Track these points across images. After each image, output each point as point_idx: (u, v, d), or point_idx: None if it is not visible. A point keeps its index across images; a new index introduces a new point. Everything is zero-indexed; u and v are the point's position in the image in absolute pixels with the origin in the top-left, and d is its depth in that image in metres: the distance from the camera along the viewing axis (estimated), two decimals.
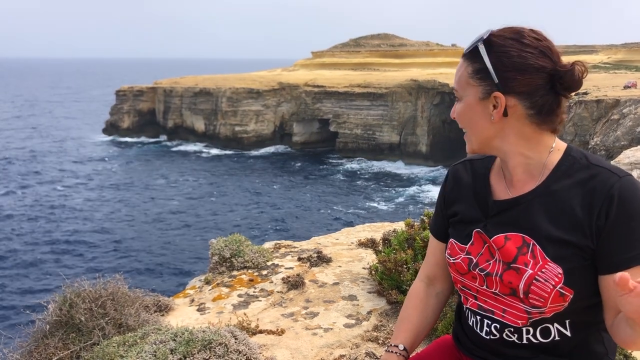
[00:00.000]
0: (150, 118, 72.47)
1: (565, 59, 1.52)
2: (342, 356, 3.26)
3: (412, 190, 50.86)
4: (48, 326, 3.34)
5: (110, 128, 73.40)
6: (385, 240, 4.62)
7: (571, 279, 1.42)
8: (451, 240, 1.69)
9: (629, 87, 41.26)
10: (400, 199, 47.87)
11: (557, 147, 1.55)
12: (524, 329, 1.52)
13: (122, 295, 3.62)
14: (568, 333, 1.51)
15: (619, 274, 1.17)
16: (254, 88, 66.61)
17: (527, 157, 1.54)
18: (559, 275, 1.42)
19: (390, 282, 3.97)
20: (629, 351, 2.84)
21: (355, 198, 48.09)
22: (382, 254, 4.21)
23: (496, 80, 1.48)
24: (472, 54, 1.52)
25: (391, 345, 1.76)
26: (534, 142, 1.53)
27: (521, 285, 1.46)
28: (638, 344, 1.35)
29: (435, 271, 1.85)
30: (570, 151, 1.54)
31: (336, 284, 4.37)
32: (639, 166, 6.66)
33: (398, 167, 59.17)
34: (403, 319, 1.83)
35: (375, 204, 46.33)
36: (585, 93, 37.68)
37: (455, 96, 1.60)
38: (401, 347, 1.75)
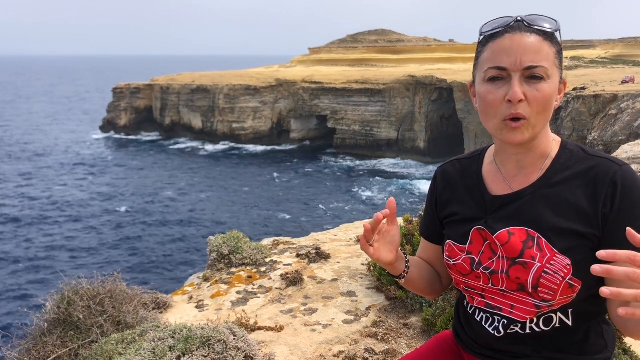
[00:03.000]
0: (147, 115, 72.39)
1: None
2: (341, 352, 3.26)
3: (410, 186, 50.94)
4: (46, 324, 3.34)
5: (108, 125, 73.34)
6: None
7: (579, 270, 1.42)
8: (448, 241, 1.66)
9: (626, 82, 41.27)
10: (398, 195, 47.93)
11: (554, 138, 1.57)
12: (529, 319, 1.52)
13: (120, 292, 3.61)
14: (569, 322, 1.51)
15: (628, 229, 1.16)
16: (251, 85, 66.56)
17: (544, 148, 1.54)
18: (568, 267, 1.42)
19: (389, 278, 3.97)
20: (628, 345, 2.85)
21: (354, 194, 48.13)
22: None
23: (562, 67, 1.50)
24: (551, 36, 1.46)
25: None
26: (548, 132, 1.55)
27: (530, 280, 1.45)
28: None
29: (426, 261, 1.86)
30: (567, 144, 1.56)
31: (335, 280, 4.36)
32: (636, 161, 6.66)
33: (396, 163, 59.19)
34: None
35: (374, 200, 46.37)
36: (583, 88, 37.69)
37: (537, 75, 1.42)
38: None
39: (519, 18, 1.46)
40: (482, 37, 1.51)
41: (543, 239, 1.46)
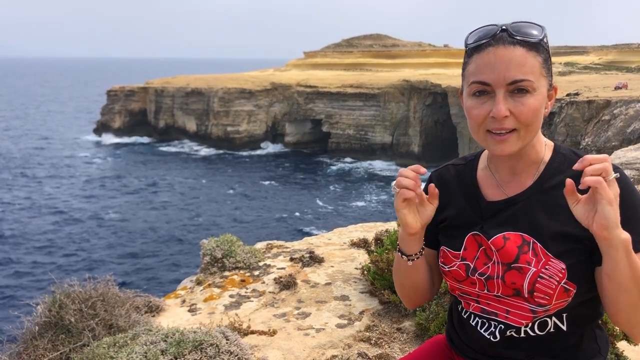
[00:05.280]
0: (142, 118, 72.11)
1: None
2: (334, 356, 3.25)
3: None
4: (37, 327, 3.31)
5: (101, 128, 72.99)
6: (378, 240, 4.62)
7: (574, 274, 1.43)
8: (443, 247, 1.66)
9: (619, 88, 41.48)
10: (392, 200, 47.92)
11: (547, 143, 1.57)
12: (524, 324, 1.52)
13: (113, 295, 3.59)
14: (564, 327, 1.51)
15: (567, 180, 1.31)
16: (246, 88, 66.49)
17: (536, 153, 1.54)
18: (563, 271, 1.42)
19: (382, 282, 3.96)
20: (621, 350, 2.86)
21: (348, 198, 48.12)
22: (375, 253, 4.21)
23: (551, 73, 1.49)
24: (536, 45, 1.43)
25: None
26: (540, 137, 1.55)
27: (525, 285, 1.45)
28: (623, 286, 1.33)
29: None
30: (559, 149, 1.56)
31: (328, 284, 4.36)
32: (629, 166, 6.70)
33: (390, 168, 59.24)
34: None
35: (368, 204, 46.38)
36: (577, 94, 37.87)
37: (522, 88, 1.41)
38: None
39: (504, 27, 1.44)
40: (467, 48, 1.50)
41: (538, 244, 1.46)
